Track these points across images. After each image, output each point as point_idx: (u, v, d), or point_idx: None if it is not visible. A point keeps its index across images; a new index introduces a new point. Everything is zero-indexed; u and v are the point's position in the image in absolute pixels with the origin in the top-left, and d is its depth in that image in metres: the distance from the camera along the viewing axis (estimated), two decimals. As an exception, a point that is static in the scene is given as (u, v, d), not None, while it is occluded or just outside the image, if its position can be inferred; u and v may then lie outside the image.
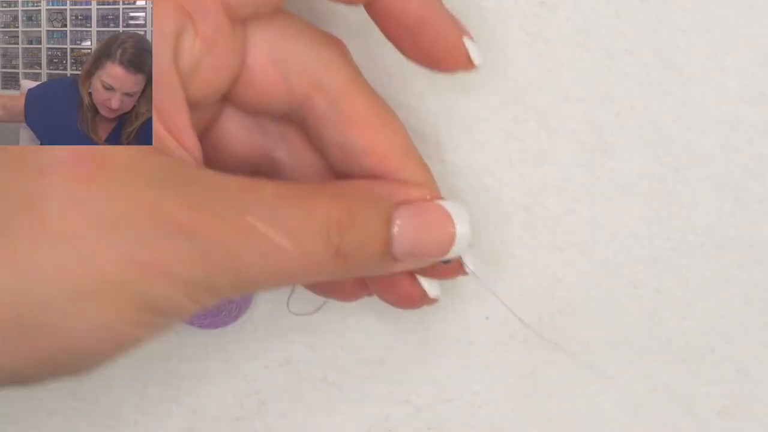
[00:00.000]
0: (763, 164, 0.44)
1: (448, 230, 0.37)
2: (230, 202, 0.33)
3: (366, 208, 0.36)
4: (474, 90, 0.44)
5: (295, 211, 0.34)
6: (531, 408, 0.45)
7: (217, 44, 0.35)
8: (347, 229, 0.35)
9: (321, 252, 0.34)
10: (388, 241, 0.36)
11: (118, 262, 0.32)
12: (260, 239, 0.33)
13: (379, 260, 0.36)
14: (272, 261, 0.34)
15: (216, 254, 0.33)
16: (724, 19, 0.43)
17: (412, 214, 0.36)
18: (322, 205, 0.35)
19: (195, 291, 0.33)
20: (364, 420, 0.45)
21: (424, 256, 0.37)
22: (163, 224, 0.32)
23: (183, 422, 0.45)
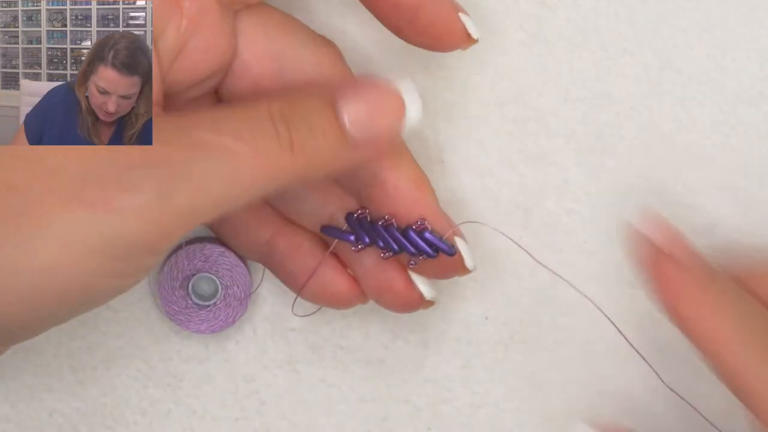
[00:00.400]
0: (763, 164, 0.44)
1: (397, 100, 0.36)
2: (175, 126, 0.33)
3: (306, 96, 0.35)
4: (474, 90, 0.44)
5: (237, 115, 0.34)
6: (531, 408, 0.44)
7: (205, 25, 0.35)
8: (291, 118, 0.34)
9: (274, 146, 0.34)
10: (338, 124, 0.35)
11: (66, 206, 0.32)
12: (210, 148, 0.33)
13: (338, 147, 0.35)
14: (227, 168, 0.33)
15: (167, 174, 0.32)
16: (724, 19, 0.43)
17: (355, 92, 0.35)
18: (261, 104, 0.34)
19: (152, 219, 0.33)
20: (364, 420, 0.44)
21: (382, 131, 0.36)
22: (107, 162, 0.32)
23: (183, 422, 0.45)
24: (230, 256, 0.43)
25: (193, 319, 0.43)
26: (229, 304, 0.43)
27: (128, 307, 0.44)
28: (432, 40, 0.38)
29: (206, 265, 0.43)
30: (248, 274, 0.43)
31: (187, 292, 0.43)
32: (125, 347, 0.44)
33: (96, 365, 0.44)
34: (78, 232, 0.32)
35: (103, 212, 0.32)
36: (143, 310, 0.44)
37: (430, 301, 0.40)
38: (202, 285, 0.44)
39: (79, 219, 0.32)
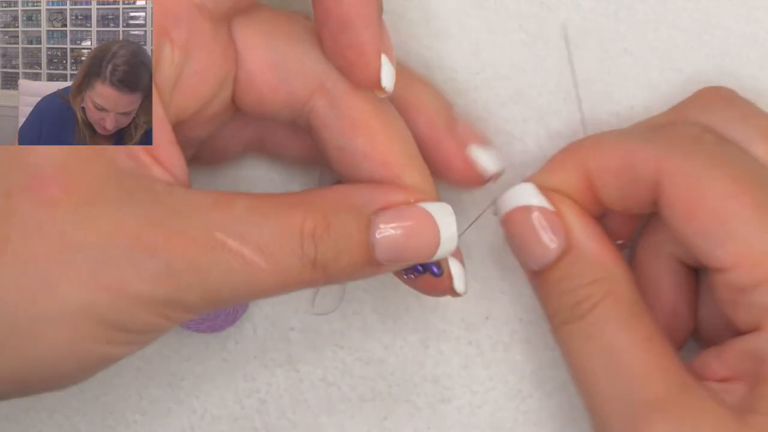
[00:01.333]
0: (763, 164, 0.44)
1: (433, 233, 0.36)
2: (198, 219, 0.33)
3: (343, 215, 0.35)
4: (474, 90, 0.44)
5: (267, 225, 0.34)
6: (531, 408, 0.45)
7: (197, 49, 0.35)
8: (322, 240, 0.34)
9: (296, 265, 0.34)
10: (368, 248, 0.35)
11: (81, 285, 0.32)
12: (230, 256, 0.33)
13: (362, 267, 0.35)
14: (244, 277, 0.33)
15: (183, 272, 0.32)
16: (724, 19, 0.43)
17: (393, 219, 0.35)
18: (296, 216, 0.34)
19: (164, 309, 0.33)
20: (364, 420, 0.45)
21: (408, 260, 0.36)
22: (127, 244, 0.32)
23: (183, 422, 0.45)
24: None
25: (193, 318, 0.43)
26: (226, 307, 0.43)
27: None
28: (345, 64, 0.36)
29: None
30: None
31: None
32: (125, 347, 0.44)
33: (96, 365, 0.44)
34: (94, 310, 0.32)
35: (117, 297, 0.32)
36: (143, 310, 0.44)
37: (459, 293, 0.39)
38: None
39: (94, 299, 0.32)
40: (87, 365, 0.34)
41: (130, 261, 0.32)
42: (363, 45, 0.36)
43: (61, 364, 0.33)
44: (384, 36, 0.36)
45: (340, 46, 0.36)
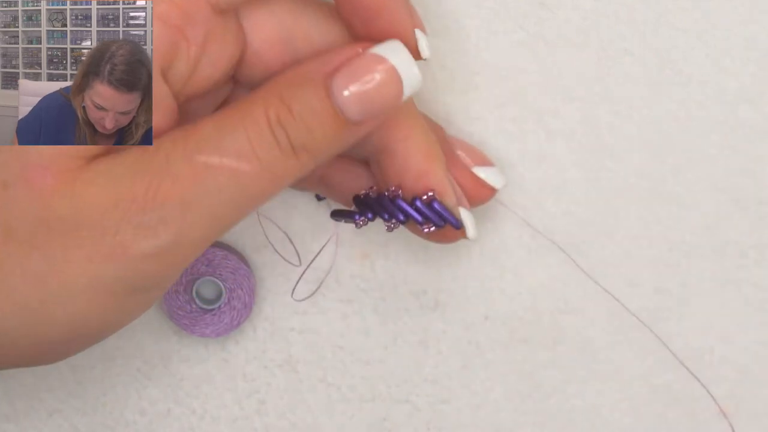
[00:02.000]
0: (762, 165, 0.44)
1: (392, 75, 0.35)
2: (177, 154, 0.33)
3: (298, 91, 0.35)
4: (474, 90, 0.44)
5: (236, 131, 0.34)
6: (531, 408, 0.45)
7: (211, 43, 0.36)
8: (288, 122, 0.34)
9: (277, 156, 0.34)
10: (337, 113, 0.35)
11: (86, 260, 0.33)
12: (216, 173, 0.33)
13: (340, 133, 0.35)
14: (235, 188, 0.34)
15: (179, 213, 0.33)
16: (724, 19, 0.43)
17: (349, 75, 0.35)
18: (257, 111, 0.34)
19: (169, 257, 0.33)
20: (364, 420, 0.45)
21: (380, 107, 0.35)
22: (122, 210, 0.33)
23: (183, 422, 0.45)
24: (233, 260, 0.43)
25: (198, 323, 0.43)
26: (234, 307, 0.43)
27: (128, 307, 0.44)
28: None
29: (209, 269, 0.43)
30: (252, 276, 0.43)
31: (191, 297, 0.43)
32: (125, 347, 0.44)
33: (95, 365, 0.44)
34: (101, 281, 0.33)
35: (123, 261, 0.33)
36: (143, 310, 0.44)
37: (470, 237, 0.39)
38: (206, 289, 0.44)
39: (101, 270, 0.33)
40: (96, 334, 0.35)
41: (128, 224, 0.33)
42: (397, 27, 0.36)
43: (72, 337, 0.34)
44: (411, 10, 0.37)
45: (373, 31, 0.36)
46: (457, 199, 0.39)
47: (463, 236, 0.39)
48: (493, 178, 0.41)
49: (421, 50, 0.37)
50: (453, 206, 0.38)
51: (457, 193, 0.39)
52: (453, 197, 0.39)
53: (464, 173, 0.40)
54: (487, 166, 0.41)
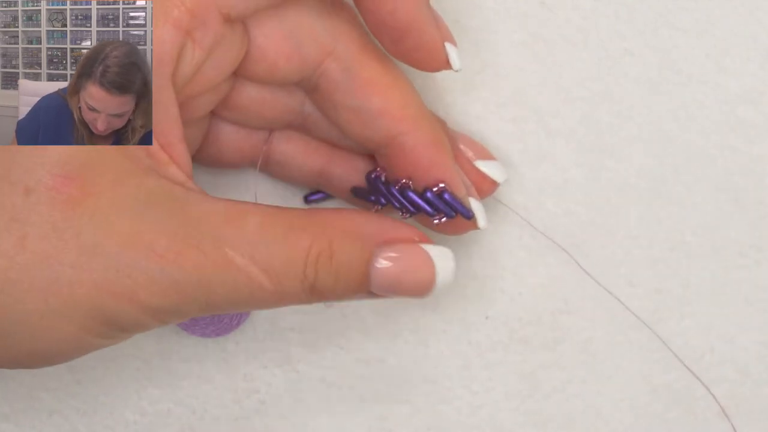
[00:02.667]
0: (762, 165, 0.44)
1: (429, 276, 0.36)
2: (212, 234, 0.34)
3: (348, 245, 0.35)
4: (474, 90, 0.44)
5: (275, 248, 0.34)
6: (531, 408, 0.45)
7: (218, 47, 0.36)
8: (324, 267, 0.35)
9: (296, 287, 0.35)
10: (366, 279, 0.36)
11: (93, 289, 0.33)
12: (237, 273, 0.34)
13: (354, 293, 0.36)
14: (246, 294, 0.34)
15: (190, 286, 0.33)
16: (724, 19, 0.43)
17: (394, 255, 0.36)
18: (303, 241, 0.35)
19: (164, 316, 0.34)
20: (364, 420, 0.45)
21: (401, 294, 0.37)
22: (141, 254, 0.33)
23: (183, 422, 0.45)
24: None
25: (198, 323, 0.43)
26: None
27: (128, 307, 0.44)
28: (414, 62, 0.38)
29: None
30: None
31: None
32: (125, 347, 0.44)
33: (95, 365, 0.44)
34: (101, 313, 0.33)
35: (126, 304, 0.33)
36: (143, 310, 0.44)
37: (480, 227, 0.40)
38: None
39: (104, 304, 0.33)
40: (77, 352, 0.35)
41: (142, 272, 0.33)
42: (427, 44, 0.37)
43: (61, 353, 0.34)
44: (440, 24, 0.38)
45: (404, 50, 0.37)
46: (467, 189, 0.39)
47: (474, 227, 0.39)
48: (494, 171, 0.41)
49: (453, 63, 0.38)
50: (463, 197, 0.39)
51: (466, 184, 0.40)
52: (463, 188, 0.39)
53: (467, 166, 0.41)
54: (488, 159, 0.41)
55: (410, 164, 0.39)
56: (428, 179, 0.38)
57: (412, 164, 0.38)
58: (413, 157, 0.38)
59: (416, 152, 0.38)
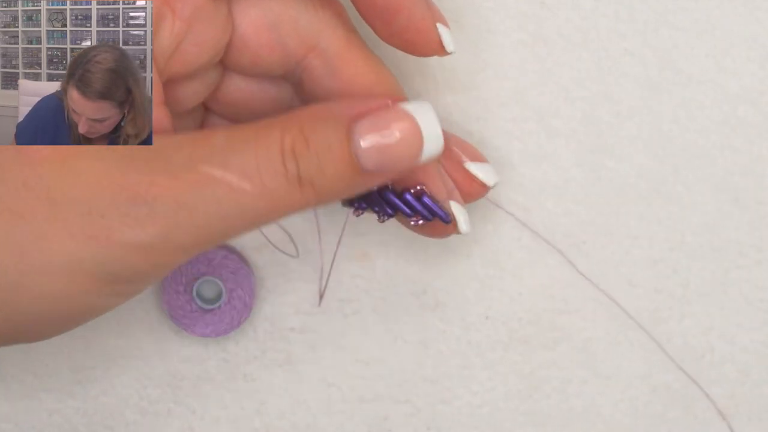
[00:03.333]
0: (762, 165, 0.44)
1: (415, 133, 0.35)
2: (180, 156, 0.33)
3: (320, 127, 0.34)
4: (474, 90, 0.44)
5: (247, 150, 0.34)
6: (531, 408, 0.45)
7: (198, 22, 0.36)
8: (302, 155, 0.34)
9: (282, 184, 0.34)
10: (352, 158, 0.34)
11: (69, 237, 0.32)
12: (215, 186, 0.33)
13: (349, 178, 0.35)
14: (232, 205, 0.33)
15: (168, 212, 0.33)
16: (724, 19, 0.43)
17: (372, 123, 0.35)
18: (273, 135, 0.34)
19: (152, 253, 0.33)
20: (364, 420, 0.45)
21: (396, 163, 0.35)
22: (111, 193, 0.33)
23: (183, 422, 0.45)
24: (233, 260, 0.43)
25: (198, 323, 0.43)
26: (234, 306, 0.43)
27: (128, 307, 0.44)
28: (406, 44, 0.37)
29: (209, 269, 0.43)
30: (252, 276, 0.43)
31: (192, 296, 0.43)
32: (125, 347, 0.44)
33: (95, 365, 0.44)
34: (81, 262, 0.33)
35: (105, 245, 0.33)
36: (143, 310, 0.44)
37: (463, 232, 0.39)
38: (206, 289, 0.44)
39: (82, 250, 0.32)
40: (74, 316, 0.35)
41: (115, 209, 0.32)
42: (418, 25, 0.37)
43: (49, 315, 0.34)
44: (431, 5, 0.37)
45: (395, 31, 0.37)
46: (448, 192, 0.39)
47: (455, 231, 0.39)
48: (485, 174, 0.40)
49: (446, 45, 0.37)
50: (443, 200, 0.38)
51: (448, 187, 0.39)
52: (443, 191, 0.38)
53: (457, 168, 0.40)
54: (480, 162, 0.41)
55: None
56: (407, 180, 0.38)
57: None
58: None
59: None
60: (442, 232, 0.39)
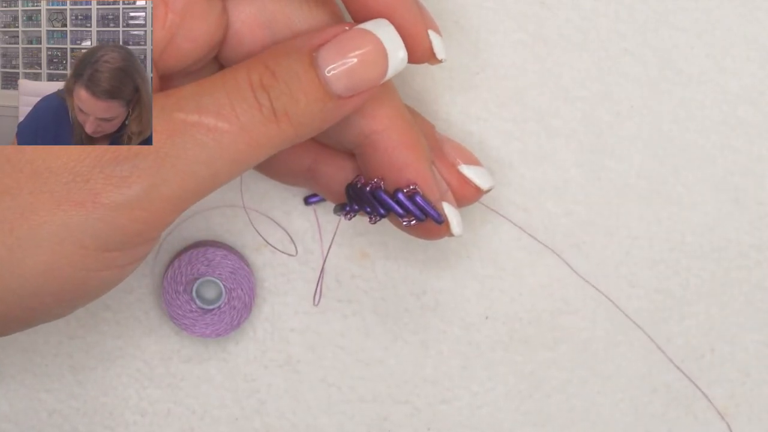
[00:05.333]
0: (763, 165, 0.44)
1: (378, 50, 0.35)
2: (158, 109, 0.33)
3: (283, 59, 0.35)
4: (473, 90, 0.44)
5: (217, 91, 0.34)
6: (531, 408, 0.45)
7: (191, 16, 0.36)
8: (272, 86, 0.34)
9: (258, 118, 0.34)
10: (321, 84, 0.35)
11: (55, 207, 0.32)
12: (193, 130, 0.33)
13: (323, 105, 0.35)
14: (213, 148, 0.33)
15: (151, 165, 0.33)
16: (724, 19, 0.43)
17: (335, 48, 0.35)
18: (240, 73, 0.34)
19: (142, 211, 0.33)
20: (364, 420, 0.45)
21: (365, 82, 0.35)
22: (94, 159, 0.33)
23: (183, 422, 0.45)
24: (233, 260, 0.43)
25: (198, 323, 0.43)
26: (234, 307, 0.43)
27: (128, 307, 0.44)
28: None
29: (209, 270, 0.43)
30: (252, 276, 0.43)
31: (191, 297, 0.43)
32: (125, 347, 0.44)
33: (95, 365, 0.44)
34: (70, 230, 0.32)
35: (93, 209, 0.32)
36: (143, 311, 0.44)
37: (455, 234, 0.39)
38: (206, 289, 0.44)
39: (70, 218, 0.32)
40: (68, 293, 0.34)
41: (99, 172, 0.32)
42: (409, 29, 0.36)
43: (41, 292, 0.33)
44: (424, 12, 0.37)
45: None
46: (441, 193, 0.39)
47: (447, 233, 0.39)
48: (479, 178, 0.40)
49: (437, 52, 0.37)
50: (435, 200, 0.38)
51: (441, 188, 0.39)
52: (435, 191, 0.38)
53: (450, 171, 0.40)
54: (474, 165, 0.41)
55: (383, 164, 0.38)
56: (400, 180, 0.38)
57: (385, 164, 0.38)
58: (386, 157, 0.38)
59: (389, 152, 0.38)
60: (435, 234, 0.39)
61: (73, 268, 0.33)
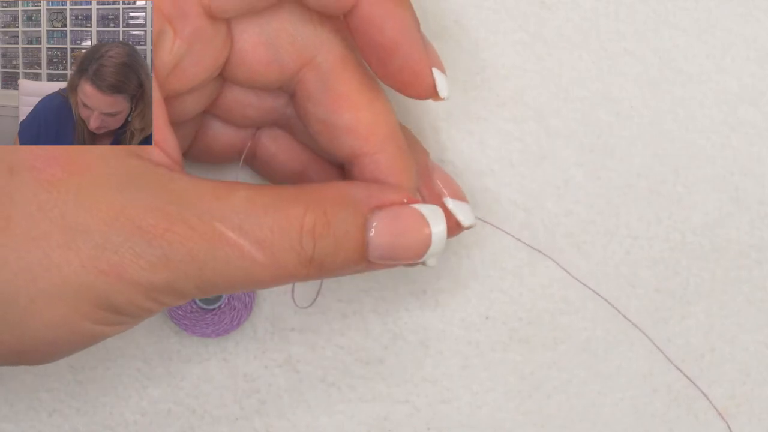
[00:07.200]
0: (762, 165, 0.44)
1: (424, 234, 0.36)
2: (199, 208, 0.33)
3: (342, 212, 0.35)
4: (473, 90, 0.44)
5: (266, 219, 0.34)
6: (531, 408, 0.45)
7: (198, 41, 0.36)
8: (322, 237, 0.35)
9: (292, 260, 0.34)
10: (363, 246, 0.35)
11: (80, 267, 0.32)
12: (228, 247, 0.33)
13: (355, 265, 0.36)
14: (240, 269, 0.34)
15: (180, 261, 0.33)
16: (724, 19, 0.43)
17: (388, 219, 0.36)
18: (296, 210, 0.34)
19: (157, 294, 0.34)
20: (364, 420, 0.45)
21: (399, 260, 0.36)
22: (127, 230, 0.33)
23: (183, 422, 0.45)
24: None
25: (198, 323, 0.43)
26: (234, 307, 0.43)
27: (128, 307, 0.44)
28: (400, 85, 0.37)
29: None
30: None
31: (192, 296, 0.43)
32: (125, 347, 0.44)
33: (96, 365, 0.44)
34: (91, 292, 0.33)
35: (115, 282, 0.33)
36: (143, 310, 0.44)
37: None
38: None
39: (92, 282, 0.33)
40: (77, 342, 0.35)
41: (130, 247, 0.33)
42: (413, 66, 0.37)
43: (54, 340, 0.34)
44: (429, 49, 0.37)
45: (390, 72, 0.37)
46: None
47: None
48: (462, 213, 0.40)
49: (440, 90, 0.37)
50: None
51: None
52: None
53: (436, 201, 0.40)
54: (459, 200, 0.41)
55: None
56: (384, 204, 0.38)
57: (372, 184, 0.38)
58: (373, 180, 0.38)
59: (376, 175, 0.38)
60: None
61: (86, 323, 0.34)
